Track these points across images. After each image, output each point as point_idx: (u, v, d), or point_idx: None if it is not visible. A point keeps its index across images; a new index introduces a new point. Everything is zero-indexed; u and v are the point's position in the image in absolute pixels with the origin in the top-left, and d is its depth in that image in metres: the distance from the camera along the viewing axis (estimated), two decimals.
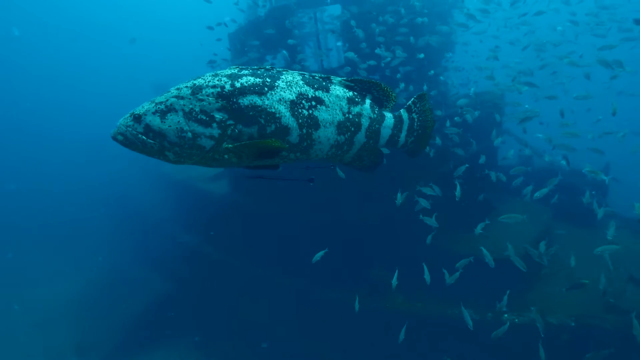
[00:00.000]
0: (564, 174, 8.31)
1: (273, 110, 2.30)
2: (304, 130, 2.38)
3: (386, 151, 3.06)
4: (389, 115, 2.80)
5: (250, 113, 2.26)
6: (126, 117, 2.21)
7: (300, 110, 2.37)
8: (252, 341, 7.73)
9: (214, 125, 2.21)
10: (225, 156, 2.28)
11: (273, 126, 2.30)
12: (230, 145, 2.26)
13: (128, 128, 2.17)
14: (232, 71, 2.33)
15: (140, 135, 2.16)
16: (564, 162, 5.82)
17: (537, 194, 5.58)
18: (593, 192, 5.92)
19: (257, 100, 2.28)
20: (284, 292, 7.35)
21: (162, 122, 2.17)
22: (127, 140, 2.17)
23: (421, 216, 5.36)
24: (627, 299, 5.80)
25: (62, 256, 12.71)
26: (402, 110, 2.85)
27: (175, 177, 11.88)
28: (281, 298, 7.39)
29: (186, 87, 2.26)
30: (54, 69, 37.36)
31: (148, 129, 2.17)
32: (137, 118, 2.18)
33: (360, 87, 2.68)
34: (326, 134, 2.48)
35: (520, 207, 7.81)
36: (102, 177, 16.25)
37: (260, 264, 7.97)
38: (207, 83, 2.26)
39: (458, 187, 5.32)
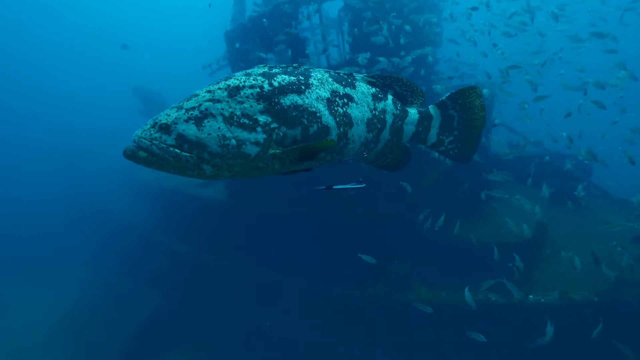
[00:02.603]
0: (554, 159, 8.79)
1: (314, 110, 2.18)
2: (341, 129, 2.29)
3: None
4: (412, 112, 2.70)
5: (294, 113, 2.11)
6: (146, 128, 1.90)
7: (336, 108, 2.28)
8: (262, 345, 7.62)
9: (259, 129, 2.00)
10: (270, 163, 2.09)
11: (315, 126, 2.17)
12: (278, 151, 2.06)
13: (154, 141, 1.85)
14: (264, 69, 2.19)
15: (171, 149, 1.85)
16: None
17: (576, 192, 5.81)
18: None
19: (297, 99, 2.14)
20: (299, 294, 7.26)
21: (199, 130, 1.89)
22: (153, 156, 1.85)
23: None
24: (625, 271, 6.17)
25: (43, 276, 11.86)
26: (431, 106, 2.71)
27: (163, 185, 11.40)
28: (296, 301, 7.30)
29: (219, 88, 2.03)
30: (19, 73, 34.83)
31: (182, 140, 1.87)
32: (165, 128, 1.88)
33: (381, 82, 2.59)
34: (358, 132, 2.39)
35: (517, 193, 8.16)
36: (77, 191, 15.21)
37: (270, 267, 7.83)
38: (242, 83, 2.06)
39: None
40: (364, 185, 2.76)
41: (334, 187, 2.64)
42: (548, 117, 6.92)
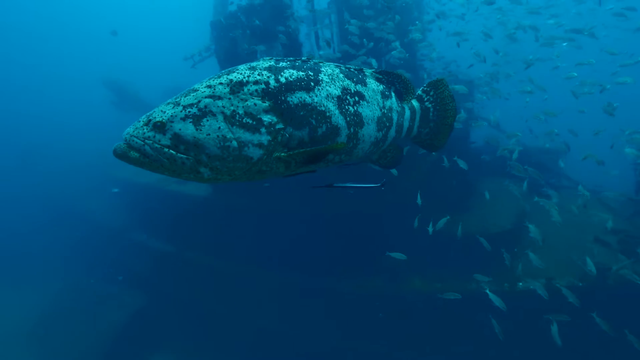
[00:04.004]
0: (531, 152, 9.23)
1: (323, 109, 2.03)
2: (352, 130, 2.17)
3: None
4: (406, 107, 2.71)
5: (301, 113, 1.95)
6: (139, 126, 1.73)
7: (346, 107, 2.15)
8: (256, 344, 7.53)
9: (263, 130, 1.83)
10: (274, 166, 1.95)
11: (324, 127, 2.03)
12: (283, 154, 1.91)
13: (147, 141, 1.69)
14: (270, 63, 2.03)
15: (166, 150, 1.70)
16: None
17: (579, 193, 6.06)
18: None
19: (306, 97, 1.99)
20: (290, 291, 7.22)
21: (197, 130, 1.73)
22: (145, 157, 1.69)
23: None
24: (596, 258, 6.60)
25: (13, 281, 11.06)
26: (413, 101, 2.73)
27: (138, 182, 10.93)
28: (288, 297, 7.26)
29: (221, 83, 1.85)
30: None
31: (178, 140, 1.71)
32: (160, 126, 1.71)
33: (387, 79, 2.55)
34: (369, 132, 2.29)
35: (497, 185, 8.51)
36: (44, 190, 14.17)
37: (259, 265, 7.72)
38: (246, 78, 1.89)
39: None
40: (367, 185, 2.70)
41: (334, 185, 2.58)
42: (530, 113, 7.22)
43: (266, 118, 1.84)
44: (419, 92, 2.76)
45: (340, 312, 6.61)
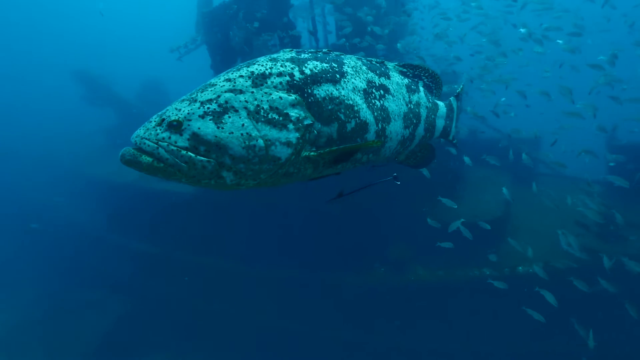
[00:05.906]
0: (507, 140, 9.61)
1: (351, 102, 1.91)
2: (380, 125, 2.05)
3: None
4: (441, 104, 2.62)
5: (329, 107, 1.81)
6: (150, 126, 1.54)
7: (373, 101, 2.04)
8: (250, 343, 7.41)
9: (290, 126, 1.66)
10: (302, 167, 1.79)
11: (353, 122, 1.90)
12: (312, 153, 1.74)
13: (161, 143, 1.49)
14: (291, 54, 1.91)
15: (184, 152, 1.50)
16: None
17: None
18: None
19: (333, 90, 1.86)
20: (293, 285, 7.14)
21: (218, 128, 1.54)
22: (160, 162, 1.49)
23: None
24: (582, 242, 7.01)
25: None
26: (452, 98, 2.72)
27: (115, 181, 10.37)
28: (291, 292, 7.17)
29: (241, 76, 1.69)
30: None
31: (197, 141, 1.51)
32: (176, 126, 1.52)
33: (412, 73, 2.45)
34: (396, 128, 2.17)
35: (483, 174, 8.81)
36: (6, 190, 13.04)
37: (255, 260, 7.57)
38: (269, 70, 1.74)
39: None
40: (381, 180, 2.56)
41: (346, 193, 2.42)
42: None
43: (293, 113, 1.69)
44: (459, 89, 2.80)
45: (343, 304, 6.63)
